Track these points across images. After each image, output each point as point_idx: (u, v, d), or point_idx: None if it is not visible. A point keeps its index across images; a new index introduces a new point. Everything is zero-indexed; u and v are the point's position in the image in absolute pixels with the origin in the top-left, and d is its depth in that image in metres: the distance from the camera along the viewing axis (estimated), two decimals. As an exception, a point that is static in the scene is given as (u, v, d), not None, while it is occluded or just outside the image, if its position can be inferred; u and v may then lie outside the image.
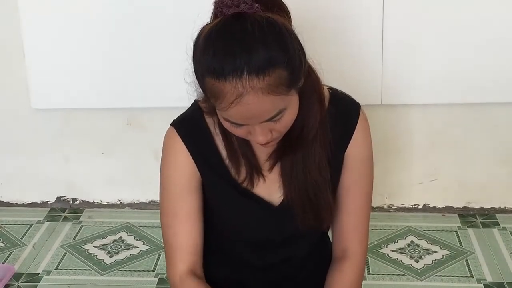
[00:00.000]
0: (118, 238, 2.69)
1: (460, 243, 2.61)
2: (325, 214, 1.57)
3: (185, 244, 1.61)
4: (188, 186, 1.58)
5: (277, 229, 1.61)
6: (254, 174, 1.55)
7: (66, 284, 2.41)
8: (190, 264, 1.61)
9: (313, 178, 1.53)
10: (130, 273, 2.47)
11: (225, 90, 1.31)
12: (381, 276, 2.42)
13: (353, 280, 1.66)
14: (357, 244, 1.66)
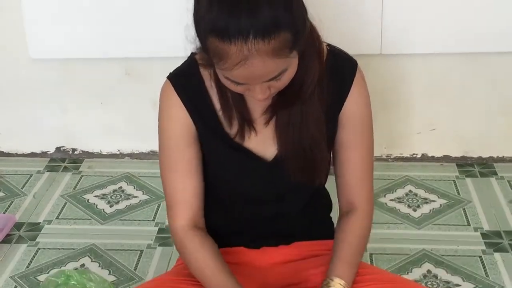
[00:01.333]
0: (118, 188, 2.70)
1: (458, 192, 2.62)
2: (320, 169, 1.58)
3: (185, 196, 1.62)
4: (185, 139, 1.59)
5: (270, 184, 1.62)
6: (246, 127, 1.56)
7: (67, 233, 2.43)
8: (192, 216, 1.63)
9: (309, 132, 1.53)
10: (130, 223, 2.49)
11: (230, 52, 1.31)
12: (379, 225, 2.44)
13: (361, 233, 1.67)
14: (362, 198, 1.67)
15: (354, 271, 1.65)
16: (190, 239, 1.61)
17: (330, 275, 1.63)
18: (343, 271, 1.63)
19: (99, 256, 2.30)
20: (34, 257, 2.31)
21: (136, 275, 2.21)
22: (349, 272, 1.63)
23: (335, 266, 1.64)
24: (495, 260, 2.25)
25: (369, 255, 2.28)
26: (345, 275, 1.63)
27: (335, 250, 1.66)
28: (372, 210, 1.70)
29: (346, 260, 1.64)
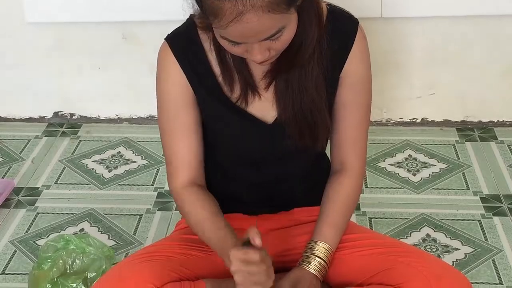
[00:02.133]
0: (117, 153, 2.69)
1: (458, 156, 2.62)
2: (321, 132, 1.57)
3: (184, 157, 1.62)
4: (182, 101, 1.58)
5: (271, 147, 1.61)
6: (249, 91, 1.55)
7: (66, 198, 2.43)
8: (191, 176, 1.63)
9: (309, 95, 1.52)
10: (129, 187, 2.49)
11: (225, 8, 1.29)
12: (378, 190, 2.44)
13: (351, 193, 1.67)
14: (355, 158, 1.67)
15: (340, 234, 1.65)
16: (189, 195, 1.61)
17: (315, 238, 1.64)
18: (328, 234, 1.63)
19: (98, 221, 2.31)
20: (33, 221, 2.31)
21: (136, 240, 2.21)
22: (334, 235, 1.64)
23: (320, 229, 1.64)
24: (494, 224, 2.25)
25: (368, 219, 2.29)
26: (330, 239, 1.63)
27: (322, 212, 1.66)
28: (364, 172, 1.70)
29: (332, 223, 1.64)
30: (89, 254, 1.86)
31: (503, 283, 2.00)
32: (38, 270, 1.83)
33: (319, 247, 1.63)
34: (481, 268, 2.06)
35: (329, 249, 1.63)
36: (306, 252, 1.64)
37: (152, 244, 1.79)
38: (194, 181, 1.63)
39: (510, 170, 2.52)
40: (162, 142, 1.64)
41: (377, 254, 1.65)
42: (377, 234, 1.84)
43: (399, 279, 1.57)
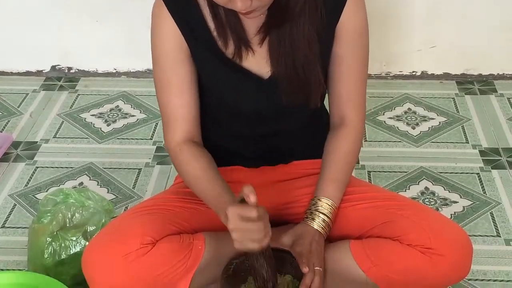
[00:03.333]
0: (115, 106, 2.68)
1: (457, 109, 2.61)
2: (314, 89, 1.56)
3: (180, 112, 1.62)
4: (177, 56, 1.58)
5: (267, 102, 1.61)
6: (242, 47, 1.54)
7: (65, 152, 2.43)
8: (187, 131, 1.63)
9: (302, 51, 1.51)
10: (128, 141, 2.48)
11: None
12: (377, 143, 2.44)
13: (351, 147, 1.67)
14: (354, 112, 1.66)
15: (342, 190, 1.66)
16: (185, 151, 1.62)
17: (318, 194, 1.64)
18: (331, 190, 1.64)
19: (97, 175, 2.31)
20: (32, 175, 2.31)
21: (135, 193, 2.22)
22: (337, 191, 1.64)
23: (323, 185, 1.64)
24: (493, 177, 2.26)
25: (367, 172, 2.29)
26: (332, 194, 1.63)
27: (323, 168, 1.66)
28: (363, 126, 1.69)
29: (334, 178, 1.65)
30: (89, 208, 1.86)
31: (501, 236, 2.01)
32: (38, 224, 1.84)
33: (323, 203, 1.63)
34: (479, 221, 2.07)
35: (332, 205, 1.63)
36: (310, 208, 1.64)
37: (151, 197, 1.80)
38: (189, 138, 1.63)
39: (509, 123, 2.52)
40: (157, 98, 1.64)
41: (375, 208, 1.66)
42: (376, 188, 1.85)
43: (397, 232, 1.58)
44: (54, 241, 1.79)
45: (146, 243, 1.55)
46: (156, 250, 1.55)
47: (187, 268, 1.57)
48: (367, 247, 1.60)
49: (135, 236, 1.55)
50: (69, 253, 1.79)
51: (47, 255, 1.78)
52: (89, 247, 1.60)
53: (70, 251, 1.79)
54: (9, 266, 1.93)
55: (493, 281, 1.85)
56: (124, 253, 1.53)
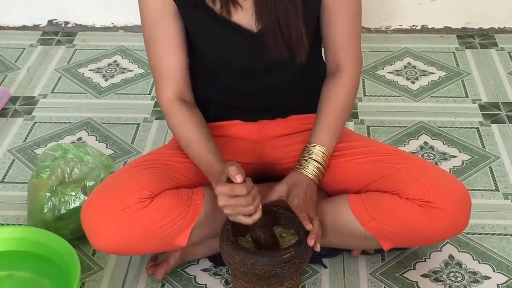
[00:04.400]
0: (113, 61, 2.66)
1: (457, 64, 2.59)
2: (296, 44, 1.55)
3: (169, 69, 1.62)
4: (163, 12, 1.58)
5: (257, 55, 1.60)
6: (229, 2, 1.52)
7: (63, 107, 2.42)
8: (177, 89, 1.63)
9: (283, 4, 1.50)
10: (126, 96, 2.47)
11: None
12: (376, 98, 2.43)
13: (346, 95, 1.67)
14: (349, 62, 1.67)
15: (336, 138, 1.67)
16: (175, 111, 1.62)
17: (312, 141, 1.65)
18: (325, 138, 1.64)
19: (95, 130, 2.30)
20: (30, 131, 2.30)
21: (134, 149, 2.22)
22: (330, 138, 1.65)
23: (317, 132, 1.65)
24: (492, 131, 2.25)
25: (366, 127, 2.28)
26: (326, 142, 1.64)
27: (318, 115, 1.67)
28: (359, 76, 1.69)
29: (328, 126, 1.65)
30: (87, 163, 1.86)
31: (499, 190, 2.01)
32: (37, 179, 1.84)
33: (316, 151, 1.63)
34: (478, 175, 2.07)
35: (326, 152, 1.64)
36: (304, 155, 1.64)
37: (149, 152, 1.80)
38: (180, 96, 1.63)
39: (509, 78, 2.51)
40: (147, 54, 1.64)
41: (374, 162, 1.66)
42: (375, 142, 1.85)
43: (396, 186, 1.58)
44: (54, 196, 1.79)
45: (145, 198, 1.55)
46: (155, 205, 1.55)
47: (186, 222, 1.58)
48: (365, 201, 1.60)
49: (133, 190, 1.55)
50: (68, 208, 1.79)
51: (47, 210, 1.79)
52: (88, 201, 1.61)
53: (70, 206, 1.79)
54: (9, 221, 1.94)
55: (491, 235, 1.85)
56: (122, 207, 1.54)
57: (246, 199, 1.44)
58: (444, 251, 1.80)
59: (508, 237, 1.85)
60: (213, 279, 1.73)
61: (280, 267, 1.53)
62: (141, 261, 1.78)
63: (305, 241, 1.54)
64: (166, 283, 1.72)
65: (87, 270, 1.77)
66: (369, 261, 1.77)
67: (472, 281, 1.72)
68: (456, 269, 1.76)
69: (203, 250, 1.74)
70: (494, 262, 1.77)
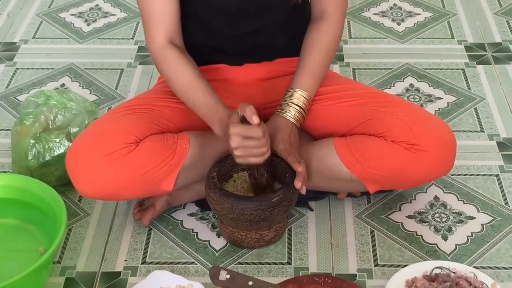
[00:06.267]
0: (95, 5, 2.62)
1: (443, 4, 2.57)
2: None
3: (160, 15, 1.59)
4: None
5: None
6: None
7: (45, 52, 2.39)
8: (168, 33, 1.60)
9: None
10: (109, 41, 2.44)
11: None
12: (362, 40, 2.41)
13: (330, 40, 1.66)
14: (334, 6, 1.66)
15: (319, 82, 1.66)
16: (168, 56, 1.59)
17: (294, 86, 1.64)
18: (308, 83, 1.64)
19: (78, 76, 2.28)
20: (12, 77, 2.27)
21: (118, 94, 2.20)
22: (313, 83, 1.64)
23: (299, 77, 1.64)
24: (478, 72, 2.25)
25: (351, 70, 2.27)
26: (308, 87, 1.64)
27: (301, 60, 1.66)
28: (343, 21, 1.68)
29: (311, 71, 1.64)
30: (71, 109, 1.84)
31: (484, 131, 2.01)
32: (20, 126, 1.82)
33: (298, 95, 1.63)
34: (463, 116, 2.08)
35: (307, 97, 1.63)
36: (285, 100, 1.64)
37: (134, 97, 1.78)
38: (171, 41, 1.61)
39: (496, 18, 2.49)
40: (137, 1, 1.61)
41: (360, 105, 1.66)
42: (360, 85, 1.84)
43: (381, 129, 1.58)
44: (38, 143, 1.78)
45: (130, 142, 1.54)
46: (140, 150, 1.55)
47: (172, 167, 1.57)
48: (351, 144, 1.60)
49: (118, 135, 1.54)
50: (53, 155, 1.78)
51: (31, 157, 1.77)
52: (73, 147, 1.60)
53: (54, 152, 1.78)
54: (-6, 168, 1.93)
55: (475, 176, 1.87)
56: (107, 152, 1.53)
57: (260, 141, 1.45)
58: (429, 193, 1.82)
59: (492, 177, 1.86)
60: (199, 224, 1.74)
61: (269, 211, 1.54)
62: (127, 207, 1.78)
63: (292, 184, 1.55)
64: (153, 228, 1.73)
65: (74, 216, 1.77)
66: (355, 203, 1.78)
67: (457, 222, 1.74)
68: (441, 210, 1.77)
69: (190, 195, 1.75)
70: (478, 202, 1.79)
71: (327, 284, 1.52)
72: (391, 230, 1.71)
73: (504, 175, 1.87)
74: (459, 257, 1.64)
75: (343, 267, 1.63)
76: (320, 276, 1.54)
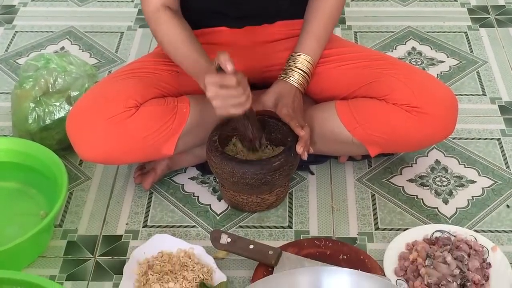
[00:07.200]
0: (94, -33, 2.59)
1: (446, -34, 2.55)
2: None
3: None
4: None
5: None
6: None
7: (44, 15, 2.37)
8: None
9: None
10: (109, 4, 2.42)
11: None
12: (364, 3, 2.39)
13: (334, 3, 1.64)
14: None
15: (322, 47, 1.65)
16: (162, 18, 1.58)
17: (297, 50, 1.63)
18: (311, 47, 1.62)
19: (78, 39, 2.26)
20: (12, 40, 2.26)
21: (118, 58, 2.18)
22: (316, 47, 1.63)
23: (303, 41, 1.63)
24: (480, 35, 2.23)
25: (353, 33, 2.25)
26: (312, 51, 1.63)
27: (305, 23, 1.65)
28: None
29: (315, 35, 1.63)
30: (71, 72, 1.83)
31: (486, 95, 2.01)
32: (20, 89, 1.81)
33: (302, 60, 1.62)
34: (465, 80, 2.07)
35: (311, 61, 1.62)
36: (289, 64, 1.63)
37: (134, 61, 1.77)
38: (166, 5, 1.59)
39: (499, -20, 2.47)
40: None
41: (362, 68, 1.65)
42: (362, 48, 1.83)
43: (383, 92, 1.58)
44: (38, 106, 1.77)
45: (130, 106, 1.54)
46: (140, 114, 1.54)
47: (172, 131, 1.57)
48: (352, 107, 1.59)
49: (118, 99, 1.54)
50: (53, 118, 1.77)
51: (31, 121, 1.77)
52: (73, 111, 1.59)
53: (54, 116, 1.78)
54: (-6, 132, 1.93)
55: (477, 140, 1.86)
56: (108, 116, 1.52)
57: (236, 89, 1.40)
58: (430, 156, 1.81)
59: (494, 141, 1.86)
60: (200, 187, 1.74)
61: (271, 175, 1.54)
62: (128, 171, 1.78)
63: (294, 148, 1.55)
64: (154, 192, 1.73)
65: (75, 180, 1.77)
66: (356, 167, 1.78)
67: (458, 185, 1.74)
68: (442, 173, 1.77)
69: (190, 159, 1.74)
70: (479, 166, 1.79)
71: (327, 247, 1.53)
72: (392, 194, 1.72)
73: (506, 139, 1.86)
74: (460, 221, 1.65)
75: (344, 231, 1.63)
76: (321, 239, 1.55)
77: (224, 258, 1.55)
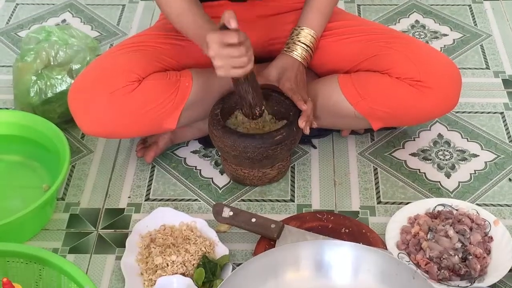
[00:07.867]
0: None
1: None
2: None
3: None
4: None
5: None
6: None
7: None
8: None
9: None
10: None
11: None
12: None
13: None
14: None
15: (326, 21, 1.64)
16: None
17: (300, 24, 1.62)
18: (314, 20, 1.61)
19: (80, 12, 2.25)
20: (13, 13, 2.25)
21: (120, 30, 2.17)
22: (320, 21, 1.62)
23: (306, 14, 1.62)
24: (484, 8, 2.22)
25: (356, 6, 2.24)
26: (315, 25, 1.61)
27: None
28: None
29: (318, 8, 1.62)
30: (73, 45, 1.82)
31: (490, 68, 2.00)
32: (21, 62, 1.80)
33: (305, 33, 1.61)
34: (469, 53, 2.06)
35: (314, 35, 1.61)
36: (292, 38, 1.62)
37: (136, 34, 1.76)
38: None
39: (504, -47, 2.44)
40: None
41: (364, 41, 1.64)
42: (365, 21, 1.82)
43: (386, 65, 1.57)
44: (39, 79, 1.77)
45: (132, 80, 1.53)
46: (142, 87, 1.54)
47: (175, 104, 1.57)
48: (355, 81, 1.59)
49: (120, 73, 1.53)
50: (55, 92, 1.77)
51: (33, 94, 1.77)
52: (75, 85, 1.59)
53: (56, 89, 1.77)
54: (-4, 105, 1.93)
55: (480, 113, 1.86)
56: (110, 90, 1.52)
57: (238, 49, 1.38)
58: (433, 130, 1.81)
59: (497, 115, 1.85)
60: (202, 161, 1.74)
61: (272, 149, 1.54)
62: (130, 144, 1.78)
63: (296, 122, 1.54)
64: (156, 165, 1.73)
65: (77, 153, 1.77)
66: (359, 141, 1.78)
67: (460, 159, 1.74)
68: (445, 147, 1.77)
69: (193, 132, 1.74)
70: (482, 140, 1.78)
71: (329, 221, 1.53)
72: (394, 168, 1.72)
73: (509, 113, 1.86)
74: (462, 195, 1.65)
75: (346, 204, 1.63)
76: (323, 213, 1.55)
77: (226, 231, 1.56)
